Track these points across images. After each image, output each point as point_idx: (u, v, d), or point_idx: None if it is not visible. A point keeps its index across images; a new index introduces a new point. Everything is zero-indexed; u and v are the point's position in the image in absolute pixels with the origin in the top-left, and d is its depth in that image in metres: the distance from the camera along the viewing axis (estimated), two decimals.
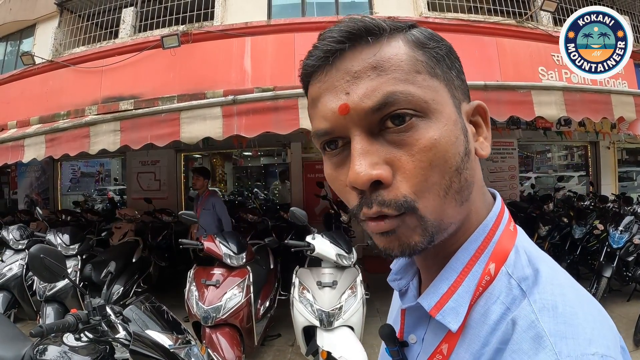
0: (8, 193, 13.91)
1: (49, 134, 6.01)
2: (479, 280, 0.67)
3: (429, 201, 0.62)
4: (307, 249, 4.31)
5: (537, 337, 0.57)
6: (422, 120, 0.62)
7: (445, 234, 0.66)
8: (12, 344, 2.96)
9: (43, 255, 2.28)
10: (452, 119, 0.64)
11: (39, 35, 10.51)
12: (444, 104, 0.64)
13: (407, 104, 0.61)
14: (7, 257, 6.26)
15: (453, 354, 0.67)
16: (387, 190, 0.61)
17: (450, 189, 0.63)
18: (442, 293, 0.68)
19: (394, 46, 0.64)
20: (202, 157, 13.16)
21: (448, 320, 0.66)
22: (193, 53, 7.75)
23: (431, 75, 0.64)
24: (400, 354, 0.78)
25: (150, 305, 2.82)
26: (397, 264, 0.87)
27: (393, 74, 0.61)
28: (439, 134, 0.61)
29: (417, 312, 0.75)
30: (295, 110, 4.77)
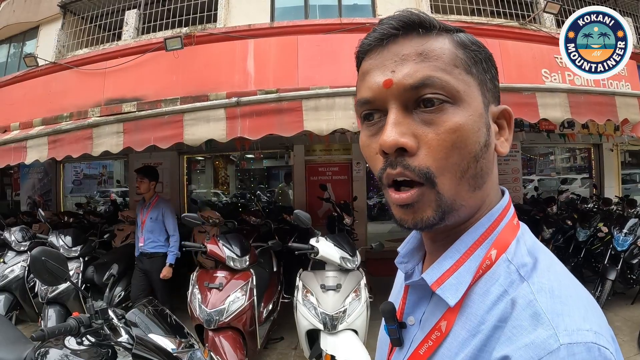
0: (10, 195, 13.91)
1: (52, 136, 5.99)
2: (480, 263, 0.73)
3: (447, 179, 0.70)
4: (311, 251, 4.28)
5: (535, 315, 0.63)
6: (451, 105, 0.70)
7: (456, 215, 0.73)
8: (14, 346, 2.95)
9: (45, 258, 2.26)
10: (478, 111, 0.72)
11: (42, 37, 10.50)
12: (473, 98, 0.72)
13: (441, 89, 0.70)
14: (9, 259, 6.26)
15: (451, 331, 0.73)
16: (412, 158, 0.70)
17: (467, 172, 0.71)
18: (445, 270, 0.75)
19: (440, 41, 0.73)
20: (204, 160, 13.16)
21: (447, 295, 0.73)
22: (196, 55, 7.73)
23: (467, 71, 0.73)
24: (398, 334, 0.84)
25: (153, 309, 2.80)
26: (405, 248, 0.93)
27: (435, 62, 0.71)
28: (464, 121, 0.70)
29: (419, 290, 0.82)
30: (299, 112, 4.75)
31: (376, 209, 10.72)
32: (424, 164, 0.69)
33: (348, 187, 9.64)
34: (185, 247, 4.68)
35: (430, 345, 0.76)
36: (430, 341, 0.76)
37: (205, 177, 13.70)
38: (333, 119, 4.67)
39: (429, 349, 0.76)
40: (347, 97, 4.66)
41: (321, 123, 4.70)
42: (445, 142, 0.69)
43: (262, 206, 10.44)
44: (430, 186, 0.70)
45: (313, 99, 4.79)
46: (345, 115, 4.62)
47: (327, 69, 6.89)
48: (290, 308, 4.59)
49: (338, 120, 4.66)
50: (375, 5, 8.51)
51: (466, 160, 0.70)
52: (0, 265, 6.21)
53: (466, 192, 0.72)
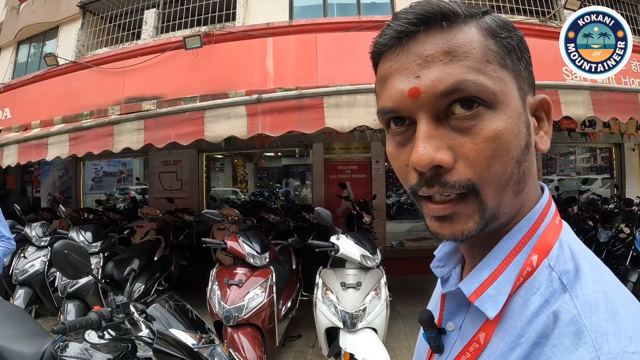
0: (31, 191, 14.08)
1: (73, 133, 6.05)
2: (520, 271, 0.66)
3: (490, 190, 0.63)
4: (332, 249, 4.25)
5: (578, 333, 0.57)
6: (488, 110, 0.62)
7: (497, 223, 0.67)
8: (33, 339, 2.95)
9: (67, 251, 2.26)
10: (517, 111, 0.64)
11: (62, 37, 10.61)
12: (510, 96, 0.64)
13: (477, 93, 0.61)
14: (29, 254, 6.33)
15: (490, 343, 0.67)
16: (449, 174, 0.62)
17: (511, 180, 0.64)
18: (483, 280, 0.68)
19: (468, 33, 0.63)
20: (223, 158, 13.19)
21: (486, 307, 0.67)
22: (215, 54, 7.75)
23: (501, 65, 0.64)
24: (437, 341, 0.79)
25: (174, 304, 2.80)
26: (442, 251, 0.86)
27: (465, 61, 0.62)
28: (504, 126, 0.62)
29: (456, 298, 0.76)
30: (321, 109, 4.74)
31: (395, 208, 10.63)
32: (464, 177, 0.62)
33: (367, 186, 9.58)
34: (205, 243, 4.67)
35: (468, 358, 0.71)
36: (468, 353, 0.71)
37: (224, 175, 13.73)
38: (354, 116, 4.66)
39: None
40: (369, 94, 4.64)
41: (342, 120, 4.68)
42: (485, 152, 0.62)
43: (281, 204, 10.44)
44: (474, 196, 0.63)
45: (334, 96, 4.77)
46: (366, 112, 4.59)
47: (347, 67, 6.85)
48: (309, 306, 4.57)
49: (359, 118, 4.64)
50: (394, 2, 8.46)
51: (509, 167, 0.63)
52: (21, 260, 6.29)
53: (509, 199, 0.66)
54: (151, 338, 2.37)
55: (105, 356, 2.54)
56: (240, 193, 13.40)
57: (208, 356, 2.54)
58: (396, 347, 5.20)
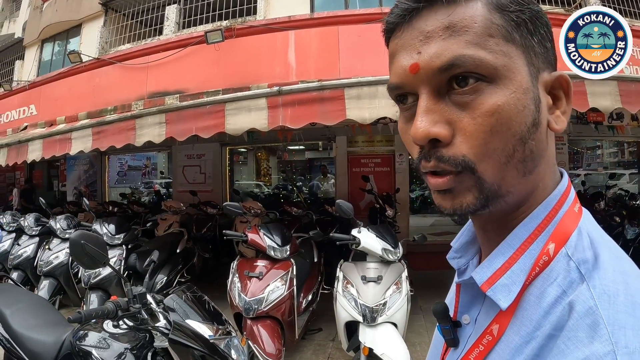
0: (57, 185, 14.36)
1: (96, 127, 6.13)
2: (536, 260, 0.64)
3: (489, 165, 0.61)
4: (353, 242, 4.21)
5: (593, 325, 0.54)
6: (489, 85, 0.61)
7: (502, 202, 0.64)
8: (54, 328, 2.99)
9: (84, 241, 2.27)
10: (522, 87, 0.62)
11: (85, 34, 10.79)
12: (515, 71, 0.62)
13: (475, 68, 0.60)
14: (54, 246, 6.45)
15: (504, 335, 0.65)
16: (446, 148, 0.62)
17: (513, 157, 0.62)
18: (496, 268, 0.66)
19: (470, 7, 0.62)
20: (247, 151, 13.26)
21: (498, 297, 0.65)
22: (237, 48, 7.74)
23: (506, 39, 0.62)
24: (452, 334, 0.77)
25: (191, 295, 2.80)
26: (458, 242, 0.84)
27: (465, 36, 0.61)
28: (504, 101, 0.60)
29: (471, 289, 0.74)
30: (342, 101, 4.70)
31: (418, 202, 10.55)
32: (459, 152, 0.61)
33: (390, 179, 9.52)
34: (227, 235, 4.67)
35: (481, 351, 0.69)
36: (481, 346, 0.69)
37: (247, 168, 13.81)
38: (376, 107, 4.61)
39: (480, 354, 0.69)
40: None
41: (364, 112, 4.64)
42: (483, 126, 0.61)
43: (305, 197, 10.43)
44: (469, 172, 0.62)
45: (355, 87, 4.73)
46: (388, 104, 4.54)
47: (369, 60, 6.78)
48: (330, 299, 4.54)
49: (381, 109, 4.59)
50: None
51: (511, 144, 0.61)
52: (46, 251, 6.41)
53: (514, 178, 0.63)
54: (168, 328, 2.37)
55: (123, 345, 2.56)
56: (264, 186, 13.46)
57: (224, 348, 2.53)
58: (417, 343, 5.15)
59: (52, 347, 2.83)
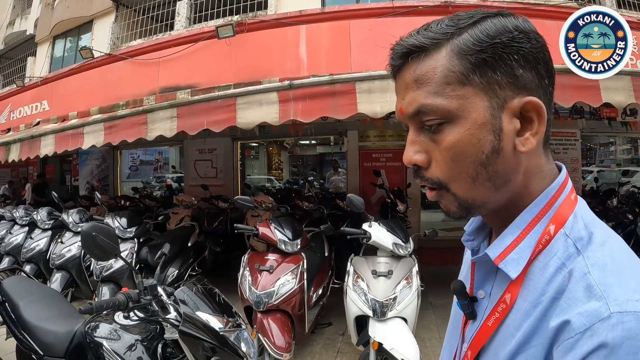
0: (70, 180, 14.49)
1: (107, 122, 6.16)
2: (539, 238, 0.77)
3: (459, 184, 0.77)
4: (364, 236, 4.19)
5: (588, 287, 0.67)
6: (448, 124, 0.75)
7: (484, 209, 0.81)
8: (66, 320, 3.01)
9: (95, 233, 2.27)
10: (477, 123, 0.74)
11: (96, 30, 10.87)
12: (471, 110, 0.74)
13: (434, 114, 0.74)
14: (66, 239, 6.50)
15: (515, 303, 0.77)
16: (426, 170, 0.79)
17: (478, 178, 0.76)
18: (506, 245, 0.79)
19: (434, 59, 0.75)
20: (258, 146, 13.27)
21: (509, 269, 0.77)
22: (248, 42, 7.75)
23: (462, 83, 0.73)
24: (470, 308, 0.88)
25: (202, 287, 2.80)
26: (471, 227, 0.98)
27: (427, 87, 0.75)
28: (459, 137, 0.74)
29: (484, 266, 0.87)
30: (353, 95, 4.69)
31: None
32: (434, 175, 0.78)
33: (402, 174, 9.45)
34: (238, 229, 4.68)
35: (497, 317, 0.80)
36: (497, 313, 0.80)
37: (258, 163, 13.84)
38: (387, 101, 4.60)
39: (496, 320, 0.80)
40: None
41: (375, 106, 4.63)
42: (445, 157, 0.76)
43: (316, 192, 10.42)
44: (446, 190, 0.78)
45: (366, 81, 4.72)
46: None
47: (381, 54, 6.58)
48: (340, 294, 4.54)
49: (393, 103, 4.55)
50: None
51: (472, 168, 0.75)
52: (58, 245, 6.46)
53: (485, 192, 0.77)
54: (178, 320, 2.37)
55: (134, 337, 2.57)
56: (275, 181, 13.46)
57: (234, 340, 2.53)
58: (426, 338, 5.14)
59: (63, 338, 2.84)
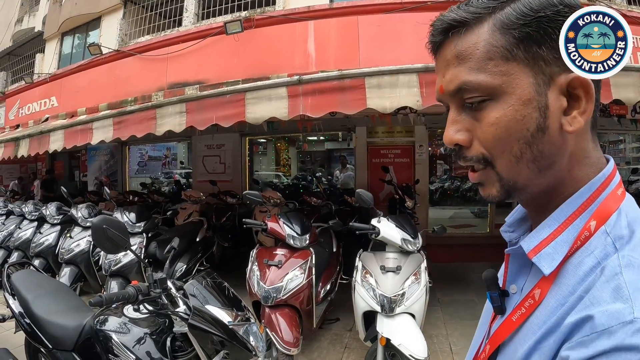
0: (78, 176, 14.56)
1: (117, 117, 6.18)
2: (578, 234, 0.71)
3: (503, 162, 0.74)
4: (372, 232, 4.18)
5: (617, 288, 0.62)
6: (490, 101, 0.72)
7: (526, 193, 0.77)
8: (75, 314, 3.03)
9: (106, 226, 2.28)
10: (522, 99, 0.70)
11: (104, 27, 10.89)
12: (515, 86, 0.71)
13: (476, 91, 0.72)
14: (75, 234, 6.53)
15: (544, 300, 0.73)
16: (468, 150, 0.76)
17: (522, 158, 0.72)
18: (542, 238, 0.74)
19: (475, 34, 0.72)
20: (266, 142, 13.27)
21: (542, 264, 0.73)
22: (256, 38, 7.73)
23: (506, 59, 0.71)
24: (500, 302, 0.85)
25: (211, 281, 2.81)
26: (512, 218, 0.94)
27: (468, 63, 0.72)
28: (502, 114, 0.71)
29: (519, 259, 0.82)
30: (362, 90, 4.67)
31: (438, 194, 10.49)
32: (478, 152, 0.75)
33: (410, 170, 9.45)
34: (246, 224, 4.69)
35: (522, 313, 0.77)
36: (523, 308, 0.77)
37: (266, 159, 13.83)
38: (396, 96, 4.58)
39: (522, 316, 0.77)
40: (411, 74, 4.56)
41: (384, 101, 4.62)
42: (488, 135, 0.73)
43: (324, 188, 10.43)
44: (491, 167, 0.75)
45: (376, 76, 4.71)
46: (409, 93, 4.51)
47: (389, 49, 6.73)
48: (348, 290, 4.54)
49: (402, 98, 4.56)
50: None
51: (516, 147, 0.72)
52: (67, 239, 6.50)
53: (529, 174, 0.74)
54: (187, 314, 2.38)
55: (143, 330, 2.58)
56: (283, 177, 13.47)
57: (243, 334, 2.54)
58: (433, 335, 5.14)
59: (72, 331, 2.86)
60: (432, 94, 4.50)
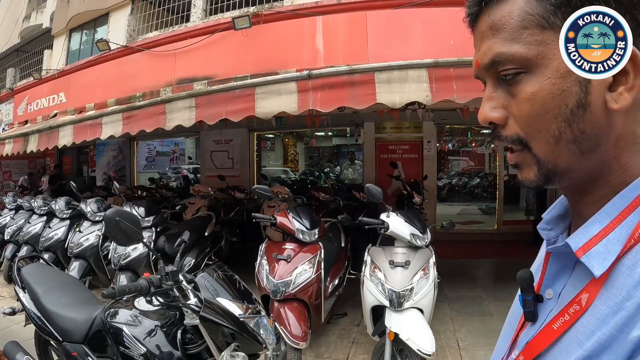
0: (87, 171, 14.65)
1: (126, 112, 6.21)
2: (632, 232, 0.63)
3: (540, 144, 0.67)
4: (381, 226, 4.16)
5: None
6: (526, 74, 0.66)
7: (567, 178, 0.69)
8: (85, 307, 3.05)
9: (119, 218, 2.28)
10: (560, 71, 0.65)
11: (112, 22, 10.94)
12: (552, 57, 0.65)
13: (510, 63, 0.66)
14: (84, 228, 6.58)
15: (592, 306, 0.65)
16: (504, 129, 0.71)
17: (561, 138, 0.65)
18: (592, 235, 0.66)
19: (510, 2, 0.67)
20: (274, 137, 13.29)
21: (592, 264, 0.64)
22: (264, 34, 7.73)
23: (542, 27, 0.65)
24: (533, 307, 0.77)
25: (222, 273, 2.82)
26: (550, 214, 0.86)
27: (502, 33, 0.67)
28: (538, 88, 0.65)
29: (561, 259, 0.75)
30: (372, 85, 4.67)
31: (446, 190, 10.49)
32: (513, 132, 0.69)
33: (418, 166, 9.48)
34: (255, 218, 4.69)
35: (566, 320, 0.68)
36: (567, 315, 0.68)
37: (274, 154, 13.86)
38: (406, 91, 4.58)
39: (565, 323, 0.68)
40: (420, 69, 4.55)
41: (394, 96, 4.61)
42: (523, 111, 0.67)
43: (332, 184, 10.44)
44: (527, 150, 0.69)
45: (386, 71, 4.70)
46: (418, 88, 4.51)
47: (398, 45, 6.72)
48: (356, 285, 4.53)
49: (411, 93, 4.56)
50: None
51: (554, 125, 0.65)
52: (77, 234, 6.54)
53: (569, 157, 0.67)
54: (198, 306, 2.38)
55: (154, 323, 2.59)
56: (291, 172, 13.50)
57: (254, 326, 2.55)
58: (441, 330, 5.14)
59: (83, 324, 2.89)
60: (442, 89, 4.51)
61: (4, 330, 4.71)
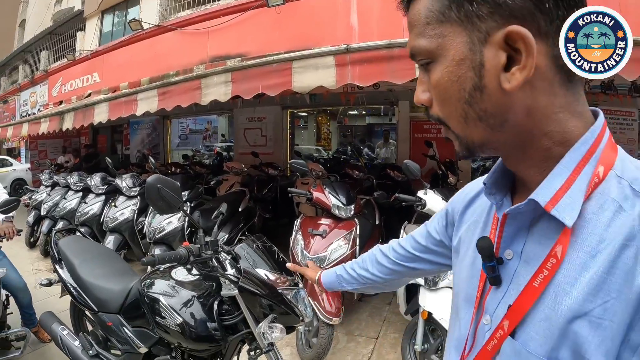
0: (121, 149, 14.86)
1: (161, 88, 6.21)
2: (590, 181, 0.71)
3: (454, 123, 0.77)
4: (419, 204, 4.11)
5: None
6: (434, 64, 0.75)
7: (486, 149, 0.78)
8: (121, 277, 3.09)
9: (160, 185, 2.26)
10: (455, 59, 0.72)
11: (144, 3, 11.00)
12: (449, 47, 0.73)
13: (420, 55, 0.77)
14: (120, 203, 6.70)
15: (567, 255, 0.70)
16: (431, 109, 0.80)
17: (467, 117, 0.74)
18: (557, 189, 0.72)
19: (419, 2, 0.76)
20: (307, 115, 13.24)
21: (564, 216, 0.70)
22: (298, 10, 7.64)
23: (440, 22, 0.73)
24: (497, 271, 0.81)
25: (261, 244, 2.79)
26: (492, 178, 0.89)
27: (415, 29, 0.77)
28: (439, 76, 0.75)
29: (518, 220, 0.80)
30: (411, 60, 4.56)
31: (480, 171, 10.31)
32: (435, 113, 0.79)
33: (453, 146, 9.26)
34: (291, 193, 4.68)
35: (545, 275, 0.72)
36: (545, 270, 0.72)
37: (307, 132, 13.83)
38: None
39: (545, 279, 0.72)
40: None
41: None
42: (435, 96, 0.78)
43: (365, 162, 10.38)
44: (447, 127, 0.79)
45: None
46: None
47: None
48: None
49: None
50: None
51: (459, 107, 0.74)
52: (112, 208, 6.66)
53: (481, 132, 0.75)
54: (237, 276, 2.37)
55: (190, 293, 2.59)
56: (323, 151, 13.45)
57: (292, 298, 2.52)
58: None
59: (119, 294, 2.92)
60: None
61: (40, 302, 4.80)
